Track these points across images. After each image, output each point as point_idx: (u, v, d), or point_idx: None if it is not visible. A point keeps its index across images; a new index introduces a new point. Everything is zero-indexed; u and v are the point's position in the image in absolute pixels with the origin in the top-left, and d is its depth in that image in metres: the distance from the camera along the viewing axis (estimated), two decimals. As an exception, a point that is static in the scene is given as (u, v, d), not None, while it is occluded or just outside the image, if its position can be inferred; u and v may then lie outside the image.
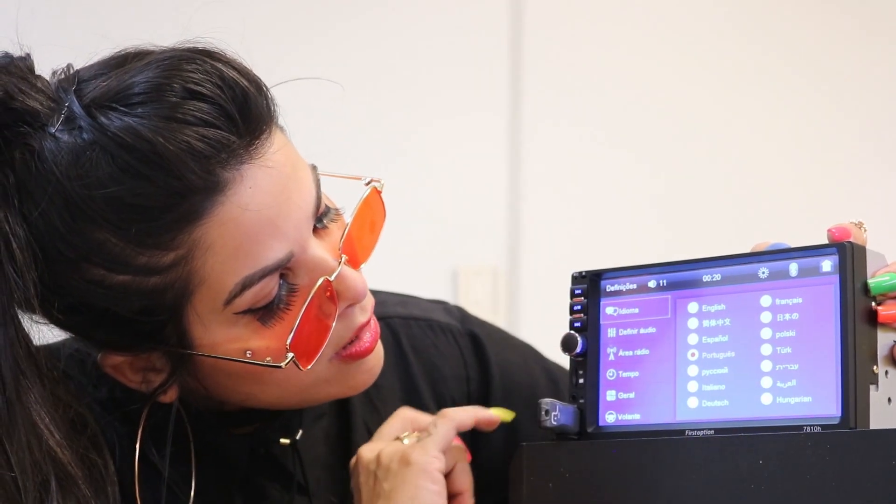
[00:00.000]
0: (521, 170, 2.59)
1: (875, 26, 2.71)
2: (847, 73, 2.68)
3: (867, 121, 2.67)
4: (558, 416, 1.01)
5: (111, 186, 0.94)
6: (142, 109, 0.95)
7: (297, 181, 1.01)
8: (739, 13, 2.68)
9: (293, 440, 1.15)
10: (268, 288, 0.99)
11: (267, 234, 0.98)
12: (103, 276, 0.98)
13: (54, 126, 0.97)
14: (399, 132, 2.54)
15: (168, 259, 0.97)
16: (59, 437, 0.98)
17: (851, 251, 0.92)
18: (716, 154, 2.64)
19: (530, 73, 2.61)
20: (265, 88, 1.01)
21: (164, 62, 0.98)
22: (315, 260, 1.02)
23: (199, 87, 0.96)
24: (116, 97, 0.97)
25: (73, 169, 0.95)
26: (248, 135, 0.97)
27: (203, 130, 0.95)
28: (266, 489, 1.15)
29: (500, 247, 2.58)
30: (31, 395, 0.97)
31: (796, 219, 2.42)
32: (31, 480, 0.95)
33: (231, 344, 1.01)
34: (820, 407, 0.91)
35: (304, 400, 1.10)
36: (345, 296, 1.03)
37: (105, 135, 0.95)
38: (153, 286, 0.98)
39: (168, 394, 1.05)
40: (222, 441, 1.13)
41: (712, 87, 2.65)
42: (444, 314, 1.28)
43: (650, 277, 1.02)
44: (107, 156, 0.95)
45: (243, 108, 0.97)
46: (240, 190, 0.97)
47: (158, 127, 0.94)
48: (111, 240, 0.96)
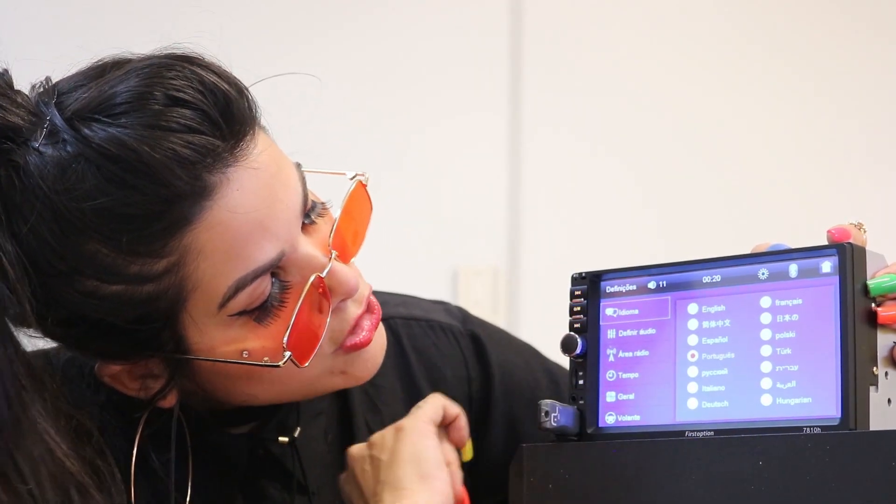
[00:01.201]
0: (521, 170, 2.60)
1: (875, 26, 2.71)
2: (847, 74, 2.68)
3: (867, 121, 2.67)
4: (558, 418, 1.01)
5: (99, 198, 0.95)
6: (125, 119, 0.96)
7: (284, 180, 1.01)
8: (739, 15, 2.68)
9: (291, 438, 1.15)
10: (261, 288, 1.00)
11: (257, 235, 0.98)
12: (96, 287, 0.98)
13: (37, 140, 0.97)
14: (399, 132, 2.54)
15: (160, 266, 0.97)
16: (65, 448, 0.98)
17: (851, 252, 0.92)
18: (716, 155, 2.64)
19: (530, 73, 2.61)
20: (245, 90, 1.01)
21: (144, 70, 0.98)
22: (306, 257, 1.02)
23: (181, 94, 0.97)
24: (99, 108, 0.97)
25: (59, 182, 0.95)
26: (231, 138, 0.98)
27: (188, 137, 0.95)
28: (266, 488, 1.15)
29: (500, 247, 2.58)
30: (34, 409, 0.97)
31: (796, 220, 2.43)
32: (50, 493, 0.95)
33: (228, 346, 1.01)
34: (820, 408, 0.91)
35: (307, 394, 1.10)
36: (337, 291, 1.04)
37: (90, 146, 0.95)
38: (147, 294, 0.98)
39: (168, 399, 1.05)
40: (221, 440, 1.13)
41: (712, 89, 2.65)
42: (445, 315, 1.28)
43: (650, 279, 1.02)
44: (93, 167, 0.95)
45: (226, 111, 0.98)
46: (227, 193, 0.97)
47: (143, 136, 0.95)
48: (102, 251, 0.96)
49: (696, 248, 1.30)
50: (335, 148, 2.39)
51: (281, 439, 1.14)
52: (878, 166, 2.67)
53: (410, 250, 2.51)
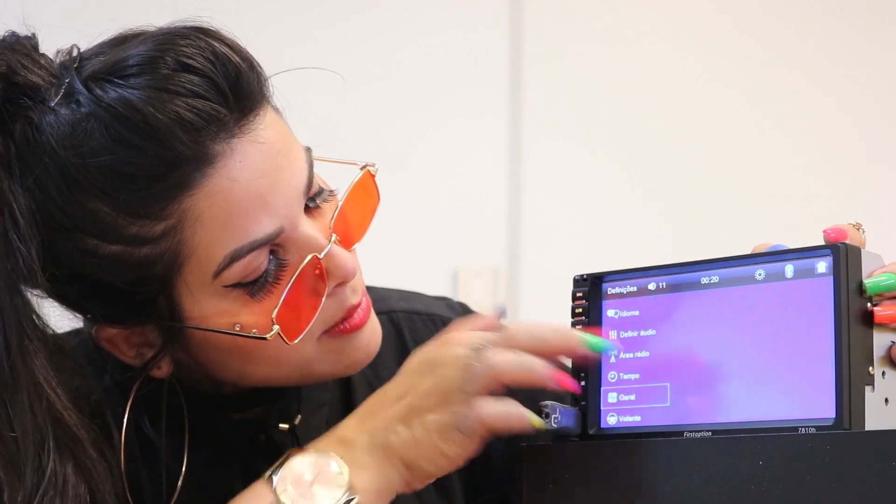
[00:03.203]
0: (521, 170, 2.60)
1: (875, 26, 2.71)
2: (847, 74, 2.68)
3: (867, 121, 2.67)
4: (559, 419, 1.01)
5: (104, 155, 0.97)
6: (135, 81, 0.98)
7: (289, 158, 1.03)
8: (738, 18, 2.69)
9: (292, 425, 1.15)
10: (256, 262, 1.01)
11: (256, 207, 1.00)
12: (96, 245, 1.00)
13: (53, 100, 0.99)
14: (400, 133, 2.54)
15: (158, 229, 0.99)
16: (65, 401, 1.00)
17: (846, 252, 0.92)
18: (715, 156, 2.64)
19: (531, 73, 2.61)
20: (258, 67, 1.03)
21: (159, 37, 1.01)
22: (305, 237, 1.03)
23: (191, 61, 0.99)
24: (112, 70, 0.99)
25: (68, 139, 0.98)
26: (238, 110, 1.00)
27: (193, 101, 0.97)
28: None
29: (500, 247, 2.59)
30: (37, 360, 0.99)
31: (796, 221, 2.42)
32: (31, 441, 0.97)
33: (221, 317, 1.02)
34: (815, 408, 0.91)
35: (303, 378, 1.11)
36: (334, 274, 1.04)
37: (100, 106, 0.98)
38: (144, 256, 1.00)
39: (162, 368, 1.07)
40: (222, 425, 1.14)
41: (712, 90, 2.65)
42: (446, 309, 1.29)
43: (650, 280, 1.02)
44: (101, 126, 0.97)
45: (234, 83, 1.00)
46: (229, 163, 0.99)
47: (150, 97, 0.97)
48: (104, 209, 0.98)
49: (696, 248, 1.31)
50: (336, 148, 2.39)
51: (281, 426, 1.15)
52: (879, 166, 2.67)
53: (411, 250, 2.51)
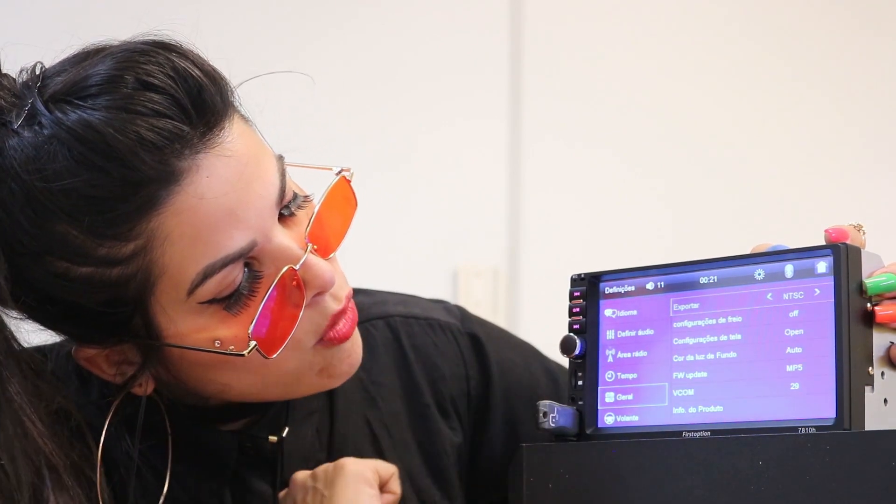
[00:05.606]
0: (521, 170, 2.60)
1: (875, 26, 2.71)
2: (847, 74, 2.68)
3: (868, 122, 2.67)
4: (556, 419, 1.01)
5: (68, 178, 0.96)
6: (95, 101, 0.97)
7: (259, 169, 1.01)
8: (738, 19, 2.69)
9: (280, 437, 1.14)
10: (230, 277, 1.00)
11: (226, 222, 0.98)
12: (66, 268, 0.99)
13: (16, 123, 0.98)
14: (400, 133, 2.54)
15: (127, 250, 0.98)
16: (41, 428, 0.99)
17: (846, 252, 0.92)
18: (715, 156, 2.64)
19: (531, 74, 2.61)
20: (221, 79, 1.02)
21: (120, 55, 0.99)
22: (279, 248, 1.02)
23: (152, 79, 0.98)
24: (73, 91, 0.98)
25: (32, 163, 0.96)
26: (202, 125, 0.98)
27: (154, 121, 0.96)
28: (255, 487, 1.14)
29: (500, 247, 2.59)
30: (12, 387, 0.98)
31: (796, 222, 2.43)
32: (22, 469, 0.96)
33: (198, 334, 1.02)
34: (815, 408, 0.91)
35: (286, 392, 1.10)
36: (312, 284, 1.03)
37: (61, 128, 0.96)
38: (115, 277, 0.99)
39: (143, 386, 1.05)
40: (210, 437, 1.13)
41: (712, 90, 2.65)
42: (444, 313, 1.28)
43: (648, 279, 1.02)
44: (64, 148, 0.96)
45: (196, 98, 0.98)
46: (196, 179, 0.97)
47: (110, 119, 0.96)
48: (72, 232, 0.97)
49: (696, 248, 1.31)
50: (336, 149, 2.39)
51: (271, 439, 1.14)
52: (879, 166, 2.67)
53: (410, 250, 2.51)
